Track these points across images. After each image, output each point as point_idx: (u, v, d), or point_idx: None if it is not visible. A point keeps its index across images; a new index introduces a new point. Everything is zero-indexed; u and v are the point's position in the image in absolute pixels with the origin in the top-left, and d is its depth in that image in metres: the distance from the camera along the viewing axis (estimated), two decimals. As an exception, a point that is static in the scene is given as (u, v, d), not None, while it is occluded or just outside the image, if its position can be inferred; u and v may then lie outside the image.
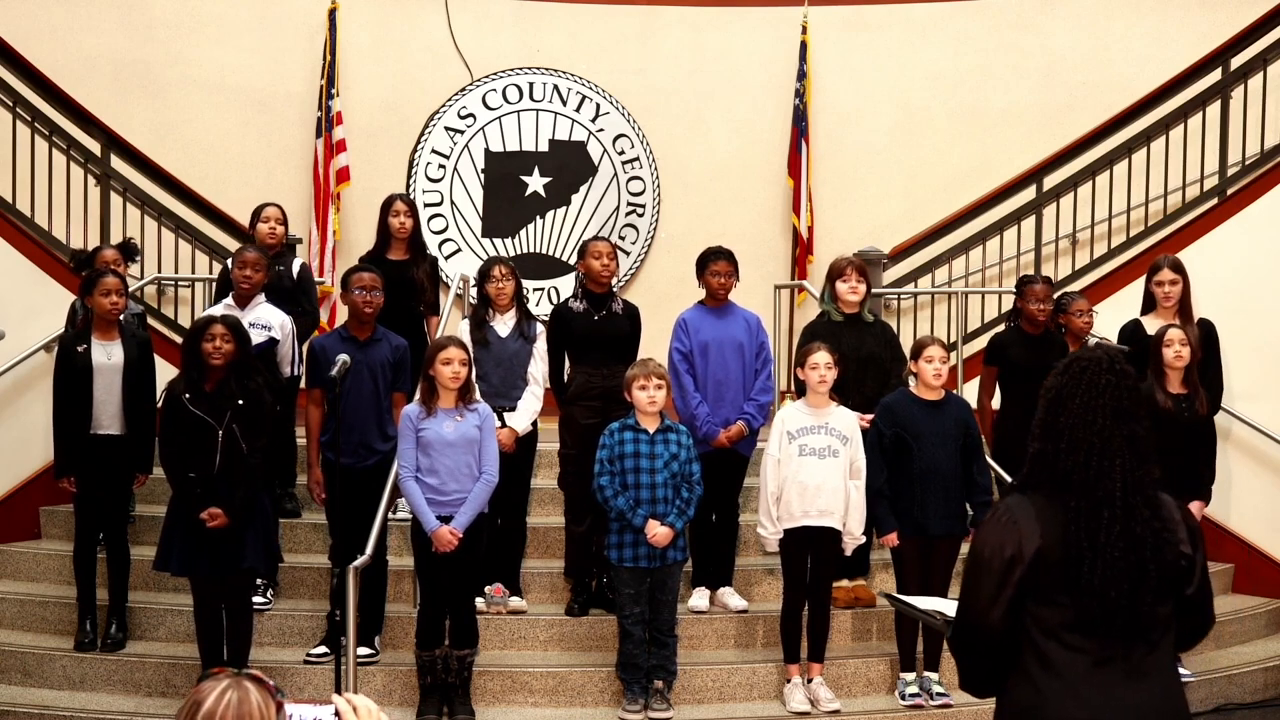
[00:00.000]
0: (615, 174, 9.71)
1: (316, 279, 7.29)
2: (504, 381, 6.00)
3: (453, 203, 9.59)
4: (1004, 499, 2.69)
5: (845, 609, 6.12)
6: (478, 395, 5.51)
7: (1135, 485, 2.61)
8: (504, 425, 5.84)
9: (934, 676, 5.68)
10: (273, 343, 6.13)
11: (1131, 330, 6.55)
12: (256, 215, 6.68)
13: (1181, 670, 6.02)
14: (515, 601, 6.01)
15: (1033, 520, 2.59)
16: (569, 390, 6.11)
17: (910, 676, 5.64)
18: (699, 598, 6.10)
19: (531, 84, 9.67)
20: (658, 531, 5.34)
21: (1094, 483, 2.58)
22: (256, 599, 5.76)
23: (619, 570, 5.45)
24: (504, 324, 6.09)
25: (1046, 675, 2.57)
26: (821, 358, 5.53)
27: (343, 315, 6.14)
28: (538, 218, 9.67)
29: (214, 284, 8.15)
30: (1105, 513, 2.57)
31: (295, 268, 6.70)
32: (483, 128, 9.61)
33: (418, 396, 5.50)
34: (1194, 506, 6.03)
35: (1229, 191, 7.92)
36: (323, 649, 5.66)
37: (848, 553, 5.70)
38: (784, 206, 9.60)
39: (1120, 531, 2.56)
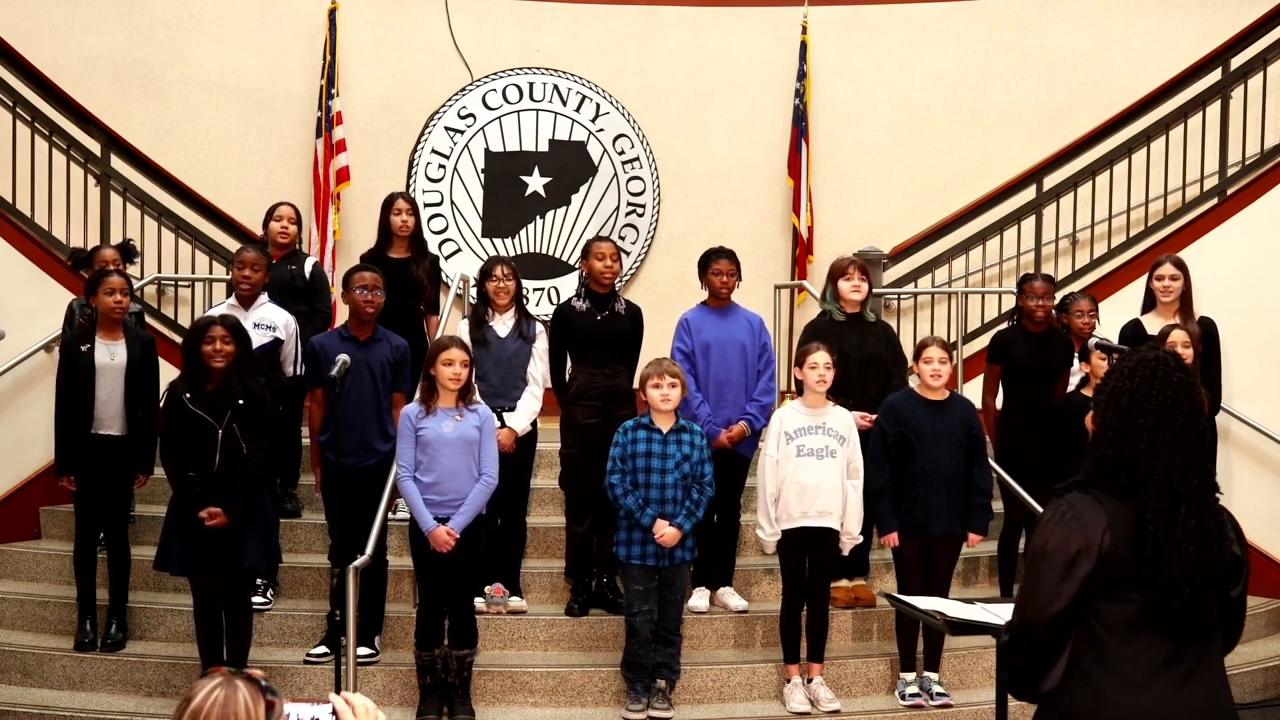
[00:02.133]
0: (615, 174, 9.71)
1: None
2: (503, 381, 6.00)
3: (453, 203, 9.59)
4: (1065, 496, 2.70)
5: (845, 609, 6.12)
6: (478, 396, 5.51)
7: (1206, 480, 2.66)
8: (503, 425, 5.84)
9: (934, 676, 5.68)
10: (277, 343, 6.14)
11: (1131, 330, 6.55)
12: (270, 214, 6.67)
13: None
14: (515, 601, 6.01)
15: (1100, 517, 2.60)
16: (570, 390, 6.11)
17: (910, 676, 5.64)
18: (699, 598, 6.10)
19: (531, 84, 9.67)
20: (665, 532, 5.34)
21: (1177, 481, 2.61)
22: (256, 599, 5.76)
23: (628, 568, 5.45)
24: (503, 324, 6.10)
25: (1106, 674, 2.58)
26: (820, 357, 5.52)
27: (343, 315, 6.13)
28: (538, 218, 9.67)
29: (211, 284, 8.27)
30: (1182, 508, 2.60)
31: (308, 267, 6.68)
32: (483, 128, 9.61)
33: (417, 395, 5.50)
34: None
35: (1229, 191, 7.92)
36: (323, 649, 5.66)
37: (845, 552, 5.70)
38: (784, 206, 9.60)
39: (1195, 526, 2.60)
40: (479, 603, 5.74)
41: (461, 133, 9.58)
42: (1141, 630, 2.58)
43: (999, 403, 6.53)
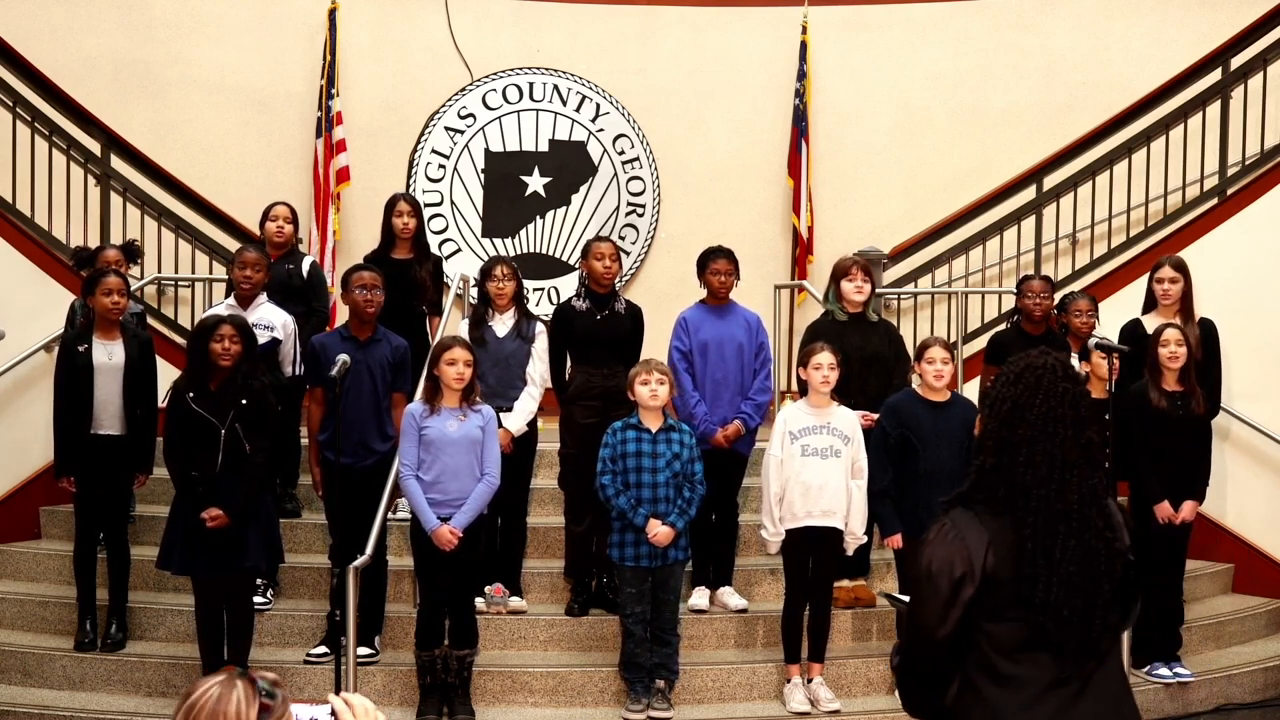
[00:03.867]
0: (615, 174, 9.71)
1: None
2: (501, 381, 5.99)
3: (453, 203, 9.59)
4: (947, 514, 2.57)
5: (846, 609, 6.12)
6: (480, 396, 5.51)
7: (1090, 496, 2.52)
8: (500, 426, 5.83)
9: (934, 676, 5.67)
10: (275, 343, 6.14)
11: (1131, 329, 6.56)
12: (266, 214, 6.68)
13: (1180, 670, 6.03)
14: (515, 601, 6.01)
15: (981, 535, 2.49)
16: (569, 390, 6.11)
17: (910, 676, 5.63)
18: (699, 597, 6.10)
19: (531, 84, 9.67)
20: (658, 531, 5.34)
21: (1054, 496, 2.49)
22: (256, 599, 5.75)
23: (621, 569, 5.45)
24: (502, 324, 6.09)
25: (1002, 693, 2.48)
26: (825, 358, 5.52)
27: (343, 315, 6.13)
28: (538, 218, 9.67)
29: (211, 284, 8.27)
30: (1061, 526, 2.48)
31: (305, 266, 6.68)
32: (483, 128, 9.61)
33: (421, 395, 5.50)
34: (1188, 506, 6.03)
35: (1229, 191, 7.92)
36: (323, 649, 5.66)
37: (849, 552, 5.70)
38: (784, 206, 9.60)
39: (1075, 545, 2.48)
40: (479, 603, 5.73)
41: (461, 133, 9.58)
42: (1030, 650, 2.47)
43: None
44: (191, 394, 5.23)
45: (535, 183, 9.65)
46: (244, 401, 5.23)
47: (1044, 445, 2.51)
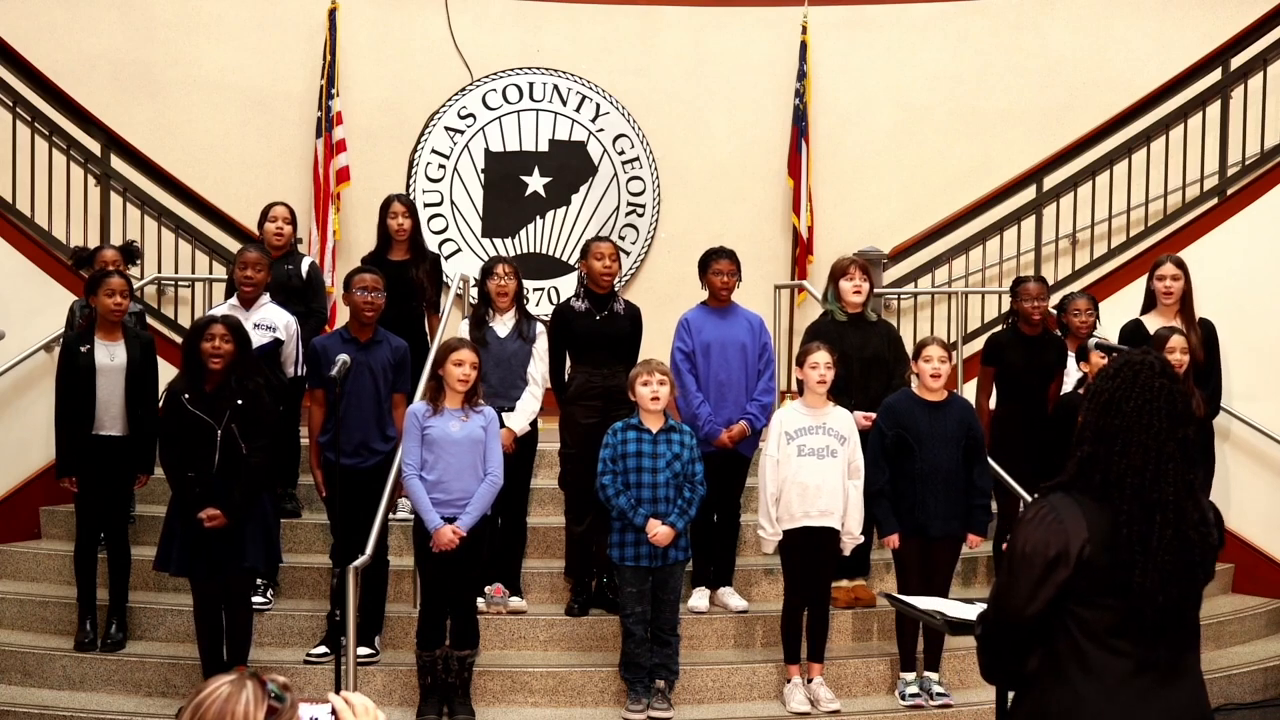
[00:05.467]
0: (615, 174, 9.71)
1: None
2: (503, 382, 6.00)
3: (453, 203, 9.59)
4: (1046, 497, 2.69)
5: (845, 609, 6.12)
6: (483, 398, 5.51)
7: (1186, 489, 2.63)
8: (502, 425, 5.84)
9: (934, 676, 5.68)
10: (277, 343, 6.14)
11: (1132, 330, 6.55)
12: (265, 215, 6.68)
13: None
14: (515, 601, 6.01)
15: (1080, 521, 2.59)
16: (569, 390, 6.11)
17: (910, 676, 5.65)
18: (699, 598, 6.10)
19: (531, 84, 9.67)
20: (658, 531, 5.34)
21: (1149, 486, 2.59)
22: (256, 599, 5.76)
23: (621, 569, 5.45)
24: (503, 324, 6.10)
25: (1086, 679, 2.58)
26: (821, 357, 5.53)
27: (343, 316, 6.13)
28: (538, 218, 9.68)
29: (211, 284, 8.27)
30: (1158, 516, 2.58)
31: (304, 267, 6.68)
32: (483, 128, 9.62)
33: (423, 395, 5.50)
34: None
35: (1229, 191, 7.92)
36: (323, 649, 5.66)
37: (846, 552, 5.70)
38: (784, 206, 9.60)
39: (1172, 536, 2.58)
40: (479, 603, 5.73)
41: (461, 133, 9.58)
42: (1120, 636, 2.58)
43: (992, 403, 6.54)
44: (187, 395, 5.23)
45: (535, 183, 9.66)
46: (239, 402, 5.22)
47: (1138, 437, 2.63)
